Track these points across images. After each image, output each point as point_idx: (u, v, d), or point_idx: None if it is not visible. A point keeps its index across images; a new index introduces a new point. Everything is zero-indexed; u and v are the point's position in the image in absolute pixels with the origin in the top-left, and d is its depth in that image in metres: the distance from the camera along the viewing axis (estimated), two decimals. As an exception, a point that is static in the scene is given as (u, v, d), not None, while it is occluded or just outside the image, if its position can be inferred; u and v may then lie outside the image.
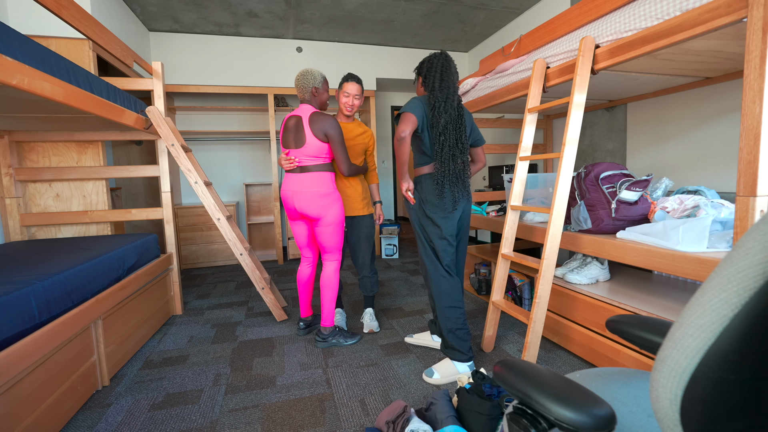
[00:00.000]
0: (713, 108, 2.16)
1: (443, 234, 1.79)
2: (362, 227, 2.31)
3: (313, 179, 2.01)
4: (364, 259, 2.33)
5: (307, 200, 2.00)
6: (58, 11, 1.54)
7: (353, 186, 2.29)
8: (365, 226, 2.32)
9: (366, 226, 2.32)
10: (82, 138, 2.51)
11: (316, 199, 2.00)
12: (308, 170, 2.01)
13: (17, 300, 1.28)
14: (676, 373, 0.39)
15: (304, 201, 2.00)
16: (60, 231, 2.59)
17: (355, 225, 2.32)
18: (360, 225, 2.31)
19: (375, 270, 2.38)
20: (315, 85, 2.04)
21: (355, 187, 2.29)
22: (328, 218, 2.02)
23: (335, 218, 2.04)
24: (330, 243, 2.08)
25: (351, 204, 2.27)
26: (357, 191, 2.30)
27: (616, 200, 1.84)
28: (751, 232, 0.35)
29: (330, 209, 2.02)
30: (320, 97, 2.10)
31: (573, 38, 1.90)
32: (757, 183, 1.14)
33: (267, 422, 1.49)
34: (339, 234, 2.09)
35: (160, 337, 2.29)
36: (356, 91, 2.18)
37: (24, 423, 1.24)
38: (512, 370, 0.57)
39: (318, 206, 2.00)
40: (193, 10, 3.52)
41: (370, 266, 2.35)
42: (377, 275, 2.40)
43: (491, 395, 1.31)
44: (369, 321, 2.33)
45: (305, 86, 2.03)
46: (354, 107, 2.22)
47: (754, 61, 1.13)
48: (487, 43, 4.48)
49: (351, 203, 2.27)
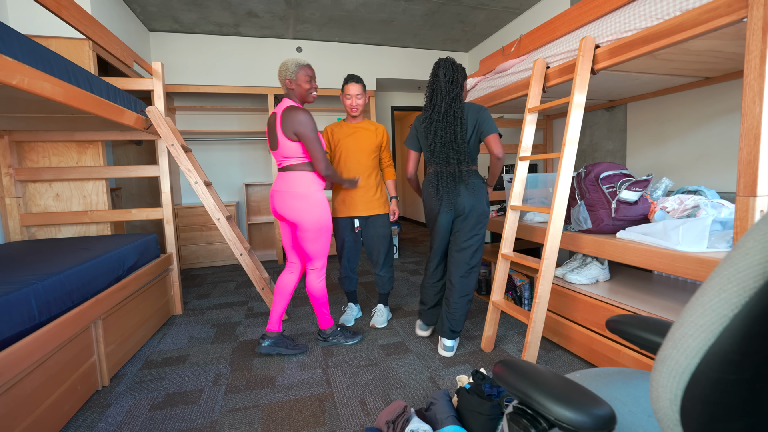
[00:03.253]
0: (713, 108, 2.16)
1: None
2: (377, 226, 2.27)
3: (290, 178, 1.87)
4: (378, 258, 2.31)
5: (283, 200, 1.88)
6: (58, 11, 1.54)
7: (367, 184, 2.25)
8: (380, 226, 2.28)
9: (381, 226, 2.28)
10: (82, 138, 2.51)
11: (291, 200, 1.86)
12: (289, 169, 1.89)
13: (17, 300, 1.28)
14: (676, 373, 0.39)
15: (280, 201, 1.89)
16: (60, 231, 2.59)
17: (370, 224, 2.28)
18: (375, 224, 2.27)
19: (391, 269, 2.36)
20: (287, 77, 1.86)
21: (369, 186, 2.25)
22: (306, 223, 1.86)
23: (315, 224, 1.87)
24: (310, 249, 1.93)
25: (365, 203, 2.24)
26: (370, 189, 2.26)
27: (616, 200, 1.84)
28: (751, 232, 0.35)
29: (307, 213, 1.86)
30: (298, 89, 1.89)
31: (573, 38, 1.90)
32: (757, 183, 1.14)
33: (267, 422, 1.49)
34: (321, 240, 1.92)
35: (160, 337, 2.28)
36: (357, 92, 2.17)
37: (24, 423, 1.24)
38: (512, 370, 0.57)
39: (293, 208, 1.86)
40: (193, 10, 3.52)
41: (384, 265, 2.33)
42: (393, 274, 2.38)
43: (491, 395, 1.31)
44: (376, 317, 2.37)
45: (281, 80, 1.90)
46: (358, 107, 2.20)
47: (754, 61, 1.13)
48: (487, 43, 4.48)
49: (364, 202, 2.24)
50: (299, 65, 1.88)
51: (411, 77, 4.74)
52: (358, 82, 2.19)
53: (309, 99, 1.95)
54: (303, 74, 1.88)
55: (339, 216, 2.30)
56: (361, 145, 2.24)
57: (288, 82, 1.88)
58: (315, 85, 1.93)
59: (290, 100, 1.89)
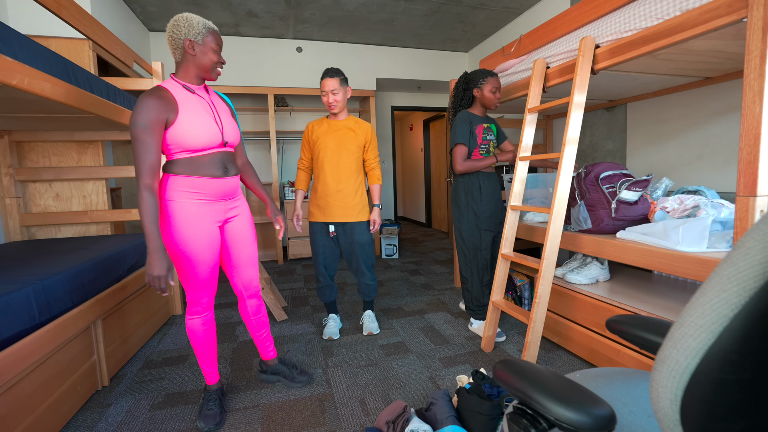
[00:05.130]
0: (713, 108, 2.16)
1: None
2: (355, 234, 2.09)
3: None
4: (358, 267, 2.16)
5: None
6: (58, 11, 1.54)
7: (345, 188, 2.05)
8: (358, 233, 2.09)
9: (359, 233, 2.09)
10: (82, 138, 2.51)
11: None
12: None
13: (17, 300, 1.28)
14: (676, 373, 0.39)
15: None
16: (60, 231, 2.59)
17: (347, 231, 2.10)
18: (352, 232, 2.09)
19: (374, 276, 2.22)
20: (190, 36, 1.33)
21: (347, 189, 2.06)
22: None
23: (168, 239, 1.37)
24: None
25: (341, 208, 2.06)
26: (348, 194, 2.06)
27: (616, 200, 1.84)
28: (751, 232, 0.35)
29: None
30: (202, 57, 1.36)
31: (573, 38, 1.90)
32: (757, 183, 1.14)
33: (267, 422, 1.49)
34: (179, 264, 1.39)
35: (160, 337, 2.28)
36: (332, 87, 1.97)
37: (24, 423, 1.24)
38: (512, 370, 0.57)
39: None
40: (193, 10, 3.52)
41: (365, 273, 2.17)
42: (375, 281, 2.24)
43: (491, 395, 1.31)
44: (368, 323, 2.28)
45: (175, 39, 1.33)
46: (335, 103, 2.00)
47: (754, 61, 1.13)
48: (487, 43, 4.48)
49: (340, 207, 2.06)
50: (210, 29, 1.37)
51: (411, 77, 4.74)
52: (333, 76, 1.98)
53: (213, 75, 1.42)
54: (212, 41, 1.37)
55: (313, 221, 2.13)
56: (341, 144, 2.05)
57: (188, 45, 1.33)
58: (222, 60, 1.42)
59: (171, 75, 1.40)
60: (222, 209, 1.48)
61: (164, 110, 1.28)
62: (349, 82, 2.11)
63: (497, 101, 2.14)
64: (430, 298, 2.89)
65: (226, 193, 1.47)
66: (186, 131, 1.32)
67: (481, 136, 2.14)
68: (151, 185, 1.26)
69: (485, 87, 2.12)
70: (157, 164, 1.29)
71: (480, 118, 2.18)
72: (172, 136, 1.31)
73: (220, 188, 1.44)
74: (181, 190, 1.36)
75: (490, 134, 2.18)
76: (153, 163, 1.27)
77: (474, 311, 2.22)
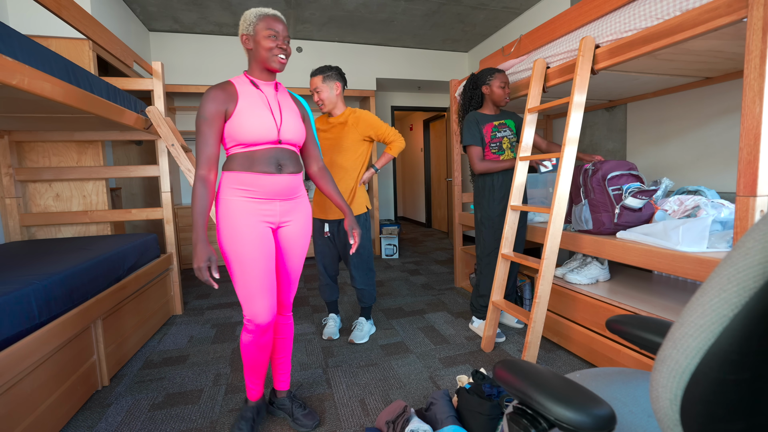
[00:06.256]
0: (713, 108, 2.16)
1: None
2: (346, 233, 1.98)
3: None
4: (352, 269, 2.11)
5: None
6: (58, 11, 1.54)
7: (340, 188, 1.99)
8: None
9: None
10: (82, 138, 2.51)
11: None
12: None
13: (17, 300, 1.28)
14: (676, 373, 0.39)
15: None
16: (60, 231, 2.59)
17: (341, 231, 2.05)
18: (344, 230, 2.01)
19: (367, 281, 2.13)
20: (243, 32, 1.31)
21: (343, 189, 2.01)
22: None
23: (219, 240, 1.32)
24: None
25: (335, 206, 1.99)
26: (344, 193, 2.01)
27: (620, 206, 1.82)
28: (751, 232, 0.35)
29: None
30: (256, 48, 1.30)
31: (573, 38, 1.90)
32: (757, 183, 1.14)
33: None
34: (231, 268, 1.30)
35: (160, 337, 2.28)
36: (314, 85, 1.96)
37: (24, 423, 1.24)
38: (512, 370, 0.57)
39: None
40: (193, 10, 3.52)
41: (360, 278, 2.11)
42: (372, 286, 2.16)
43: (491, 395, 1.31)
44: (354, 331, 2.17)
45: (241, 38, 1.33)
46: (322, 102, 1.98)
47: (754, 61, 1.13)
48: (487, 43, 4.48)
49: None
50: (260, 15, 1.29)
51: (411, 77, 4.74)
52: (316, 74, 1.94)
53: (272, 64, 1.31)
54: (264, 27, 1.27)
55: (313, 217, 2.10)
56: (334, 142, 2.02)
57: (244, 40, 1.31)
58: (282, 45, 1.30)
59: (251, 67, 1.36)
60: (275, 211, 1.35)
61: (224, 102, 1.27)
62: (347, 80, 2.07)
63: (507, 96, 2.14)
64: (430, 298, 2.89)
65: (279, 192, 1.34)
66: (239, 123, 1.27)
67: (489, 135, 2.13)
68: (205, 176, 1.24)
69: (494, 83, 2.12)
70: (215, 156, 1.27)
71: (489, 116, 2.15)
72: (228, 129, 1.28)
73: (272, 186, 1.32)
74: (232, 187, 1.30)
75: (502, 131, 2.14)
76: (210, 154, 1.26)
77: (477, 310, 2.22)
